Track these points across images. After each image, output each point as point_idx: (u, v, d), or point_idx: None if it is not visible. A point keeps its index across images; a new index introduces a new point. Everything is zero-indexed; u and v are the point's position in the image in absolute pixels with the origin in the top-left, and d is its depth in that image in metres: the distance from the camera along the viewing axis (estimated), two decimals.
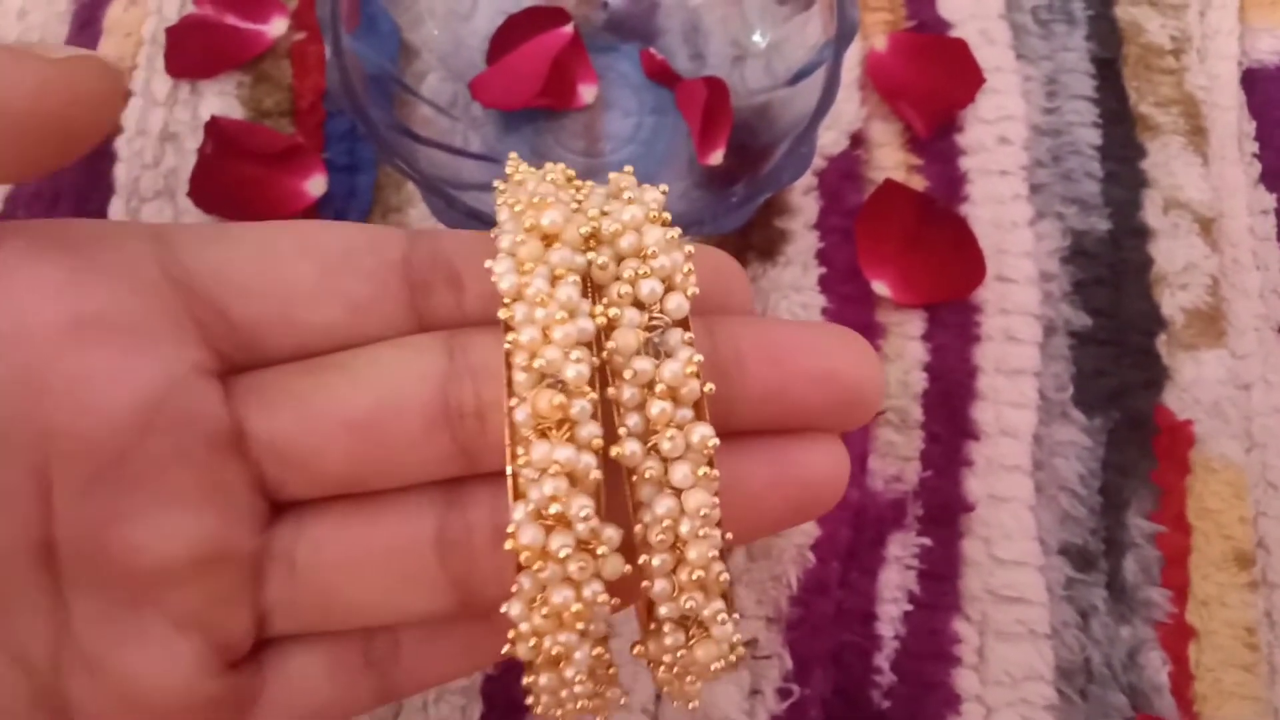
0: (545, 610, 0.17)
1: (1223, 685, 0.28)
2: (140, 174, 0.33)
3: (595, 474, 0.17)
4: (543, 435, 0.16)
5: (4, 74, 0.16)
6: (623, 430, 0.17)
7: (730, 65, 0.32)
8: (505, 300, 0.17)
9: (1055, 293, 0.32)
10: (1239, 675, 0.28)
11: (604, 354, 0.17)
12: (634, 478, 0.17)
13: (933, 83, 0.33)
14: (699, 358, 0.17)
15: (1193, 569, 0.29)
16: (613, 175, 0.19)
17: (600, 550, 0.17)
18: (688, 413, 0.17)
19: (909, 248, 0.31)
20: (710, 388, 0.17)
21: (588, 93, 0.33)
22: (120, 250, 0.18)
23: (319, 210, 0.32)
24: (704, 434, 0.17)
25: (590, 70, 0.33)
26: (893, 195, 0.31)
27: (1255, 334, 0.31)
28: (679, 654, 0.18)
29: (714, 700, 0.28)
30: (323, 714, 0.20)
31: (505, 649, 0.17)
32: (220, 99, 0.33)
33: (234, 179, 0.32)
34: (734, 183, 0.29)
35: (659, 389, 0.17)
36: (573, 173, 0.19)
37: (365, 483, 0.19)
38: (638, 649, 0.18)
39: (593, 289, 0.18)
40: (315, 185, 0.32)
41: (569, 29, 0.32)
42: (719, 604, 0.17)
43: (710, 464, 0.17)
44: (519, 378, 0.17)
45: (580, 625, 0.17)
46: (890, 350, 0.31)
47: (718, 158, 0.30)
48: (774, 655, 0.28)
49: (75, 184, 0.33)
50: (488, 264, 0.17)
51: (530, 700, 0.18)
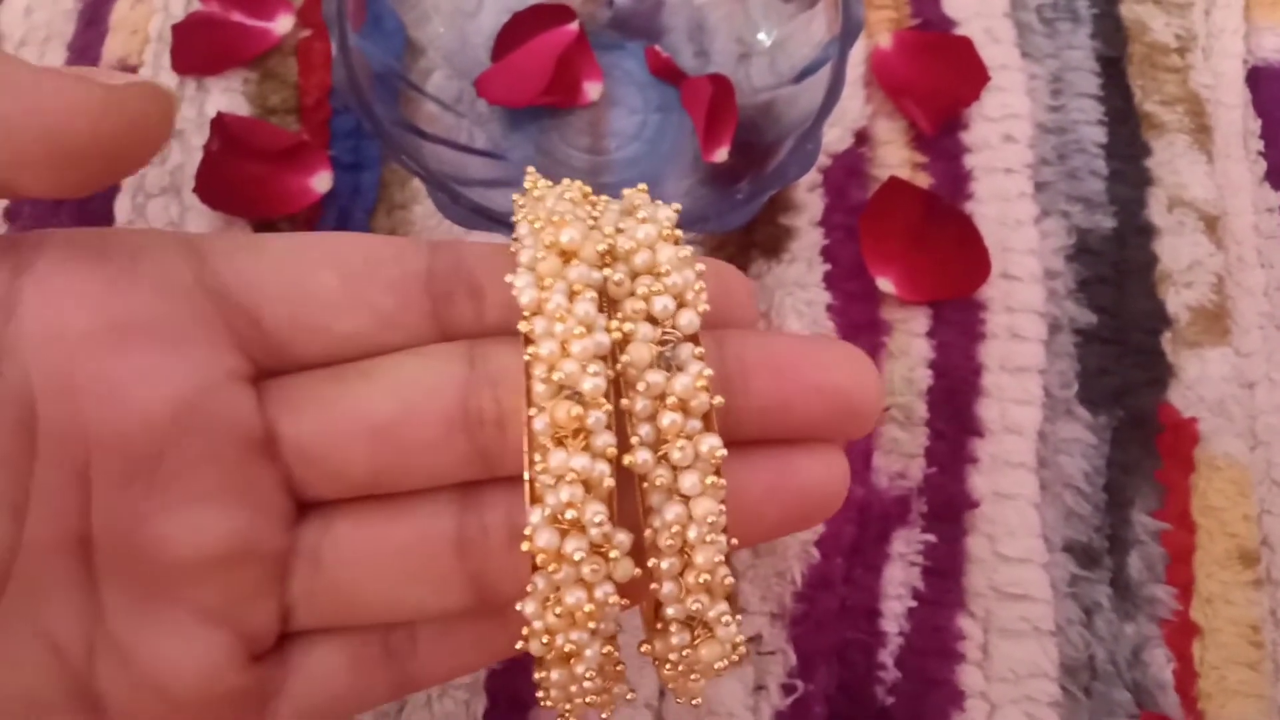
0: (559, 609, 0.17)
1: (1227, 683, 0.28)
2: (146, 170, 0.33)
3: (609, 481, 0.17)
4: (559, 443, 0.17)
5: (66, 99, 0.17)
6: (635, 440, 0.18)
7: (735, 63, 0.32)
8: (525, 314, 0.18)
9: (1060, 290, 0.32)
10: (1243, 673, 0.28)
11: (618, 366, 0.18)
12: (645, 485, 0.18)
13: (938, 80, 0.33)
14: (709, 372, 0.18)
15: (1197, 566, 0.29)
16: (626, 192, 0.19)
17: (612, 554, 0.17)
18: (697, 424, 0.18)
19: (914, 245, 0.31)
20: (719, 401, 0.18)
21: (593, 90, 0.33)
22: (156, 259, 0.19)
23: (324, 207, 0.32)
24: (712, 444, 0.18)
25: (595, 67, 0.33)
26: (898, 193, 0.31)
27: (1260, 332, 0.32)
28: (684, 653, 0.18)
29: (718, 696, 0.28)
30: (341, 705, 0.20)
31: (519, 645, 0.18)
32: (226, 96, 0.33)
33: (240, 176, 0.32)
34: (739, 180, 0.29)
35: (670, 401, 0.17)
36: (589, 189, 0.20)
37: (387, 484, 0.19)
38: (645, 647, 0.19)
39: (608, 304, 0.18)
40: (320, 182, 0.32)
41: (574, 26, 0.32)
42: (724, 606, 0.18)
43: (718, 473, 0.18)
44: (538, 388, 0.17)
45: (591, 624, 0.17)
46: (895, 347, 0.31)
47: (722, 155, 0.30)
48: (778, 651, 0.28)
49: None
50: (508, 278, 0.18)
51: (540, 694, 0.19)
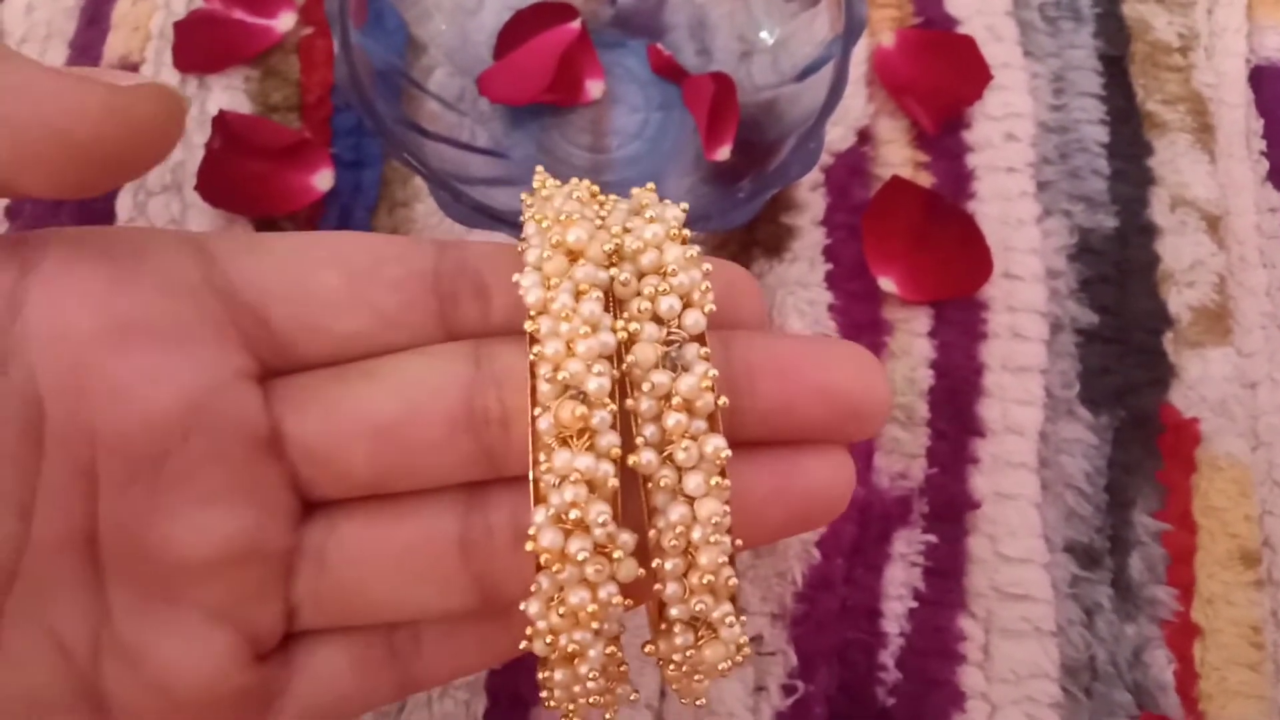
0: (562, 609, 0.17)
1: (1228, 684, 0.28)
2: None
3: (613, 482, 0.17)
4: (564, 443, 0.17)
5: (71, 99, 0.17)
6: (640, 440, 0.18)
7: (737, 61, 0.32)
8: (531, 313, 0.18)
9: (1062, 290, 0.32)
10: (1244, 674, 0.28)
11: (624, 366, 0.18)
12: (649, 485, 0.18)
13: (940, 79, 0.33)
14: (714, 373, 0.18)
15: (1198, 567, 0.29)
16: (635, 191, 0.19)
17: (616, 554, 0.17)
18: (702, 424, 0.18)
19: (916, 244, 0.31)
20: (724, 401, 0.18)
21: (595, 88, 0.33)
22: (163, 258, 0.19)
23: (325, 205, 0.32)
24: (717, 445, 0.17)
25: (597, 66, 0.33)
26: (900, 192, 0.31)
27: (1262, 332, 0.32)
28: (688, 654, 0.18)
29: (719, 696, 0.28)
30: (346, 705, 0.20)
31: (523, 645, 0.18)
32: (228, 94, 0.33)
33: (241, 173, 0.31)
34: (741, 178, 0.29)
35: (675, 401, 0.17)
36: (596, 188, 0.20)
37: (391, 484, 0.19)
38: (648, 648, 0.19)
39: (614, 303, 0.18)
40: (322, 180, 0.32)
41: (576, 24, 0.32)
42: (727, 607, 0.18)
43: (722, 474, 0.18)
44: (543, 388, 0.17)
45: (595, 624, 0.17)
46: (896, 347, 0.31)
47: (724, 153, 0.30)
48: (779, 652, 0.28)
49: None
50: (515, 278, 0.18)
51: (544, 694, 0.18)
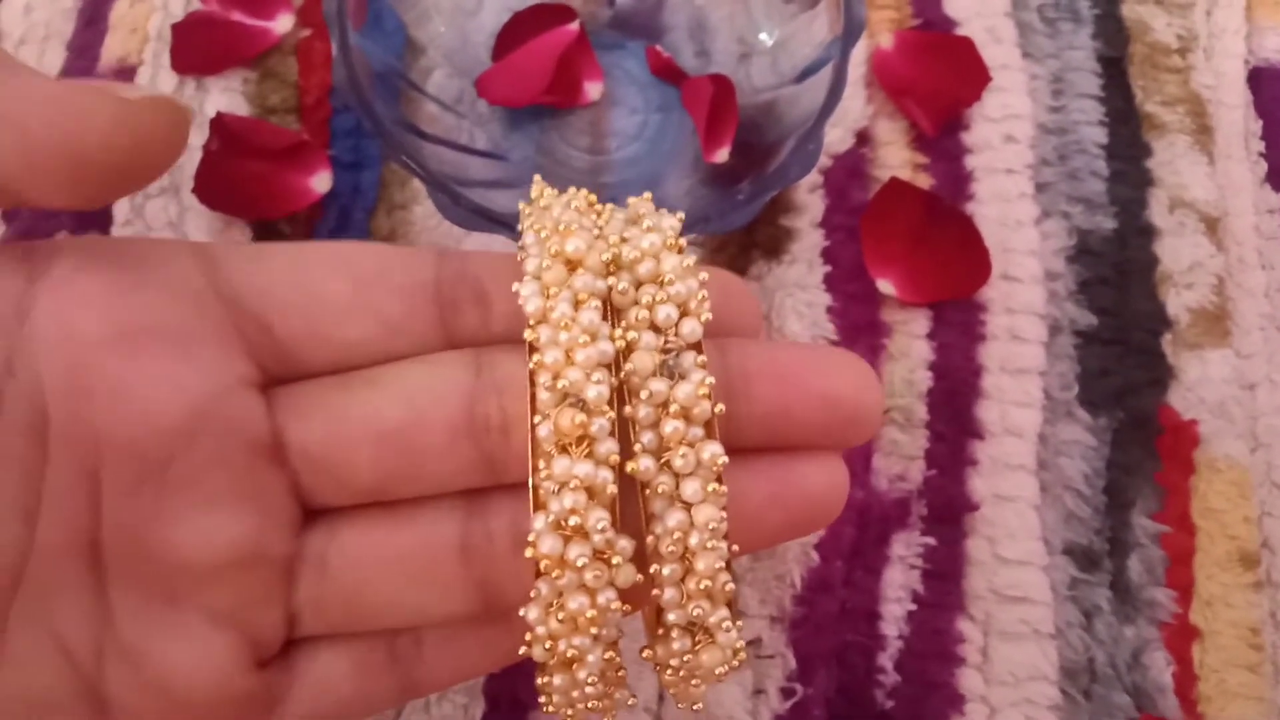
0: (561, 615, 0.17)
1: (1227, 686, 0.28)
2: None
3: (612, 488, 0.17)
4: (563, 450, 0.17)
5: (79, 111, 0.17)
6: (638, 447, 0.18)
7: (736, 63, 0.32)
8: (531, 322, 0.18)
9: (1060, 292, 0.32)
10: (1243, 676, 0.28)
11: (622, 374, 0.18)
12: (647, 492, 0.18)
13: (939, 81, 0.33)
14: (711, 380, 0.18)
15: (1197, 569, 0.29)
16: (631, 201, 0.20)
17: (614, 560, 0.17)
18: (699, 431, 0.18)
19: (914, 246, 0.31)
20: (721, 408, 0.18)
21: (593, 90, 0.33)
22: (169, 266, 0.19)
23: (324, 207, 0.32)
24: (714, 452, 0.18)
25: (596, 67, 0.33)
26: (898, 193, 0.31)
27: (1260, 333, 0.31)
28: (685, 658, 0.18)
29: (718, 699, 0.28)
30: (347, 710, 0.20)
31: (522, 650, 0.18)
32: (226, 95, 0.33)
33: (239, 175, 0.31)
34: (739, 180, 0.29)
35: (673, 409, 0.18)
36: (594, 198, 0.20)
37: (393, 491, 0.19)
38: (646, 653, 0.19)
39: (612, 312, 0.18)
40: (320, 182, 0.32)
41: (575, 26, 0.32)
42: (724, 612, 0.18)
43: (719, 480, 0.18)
44: (542, 396, 0.17)
45: (594, 630, 0.18)
46: (895, 349, 0.31)
47: (723, 155, 0.30)
48: (777, 654, 0.28)
49: None
50: (515, 287, 0.18)
51: (543, 699, 0.19)
